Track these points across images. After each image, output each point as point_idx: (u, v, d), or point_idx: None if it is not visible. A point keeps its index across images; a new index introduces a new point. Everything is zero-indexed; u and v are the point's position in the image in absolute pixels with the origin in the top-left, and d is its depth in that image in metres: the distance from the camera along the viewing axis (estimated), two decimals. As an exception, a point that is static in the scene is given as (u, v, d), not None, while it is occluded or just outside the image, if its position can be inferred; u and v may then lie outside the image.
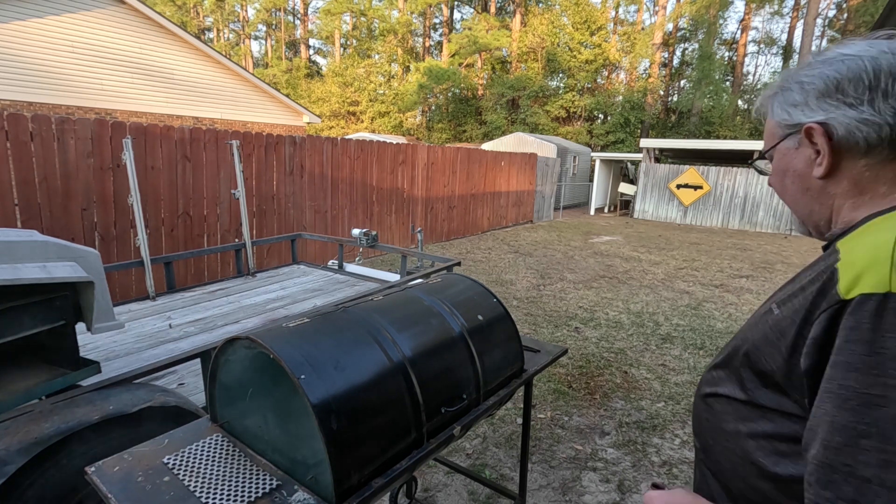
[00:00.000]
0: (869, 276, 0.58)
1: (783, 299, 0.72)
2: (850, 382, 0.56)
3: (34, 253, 1.59)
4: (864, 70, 0.66)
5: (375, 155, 8.13)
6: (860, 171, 0.70)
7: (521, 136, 17.72)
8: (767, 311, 0.74)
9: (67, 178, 4.39)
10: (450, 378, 1.48)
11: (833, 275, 0.62)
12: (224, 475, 1.20)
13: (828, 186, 0.73)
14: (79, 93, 9.88)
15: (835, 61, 0.69)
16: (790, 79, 0.75)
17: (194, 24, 35.56)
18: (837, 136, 0.69)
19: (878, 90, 0.65)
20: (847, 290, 0.59)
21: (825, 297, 0.62)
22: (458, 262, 3.39)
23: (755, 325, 0.76)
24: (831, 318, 0.60)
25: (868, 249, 0.61)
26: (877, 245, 0.60)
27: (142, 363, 2.01)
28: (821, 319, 0.61)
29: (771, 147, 0.79)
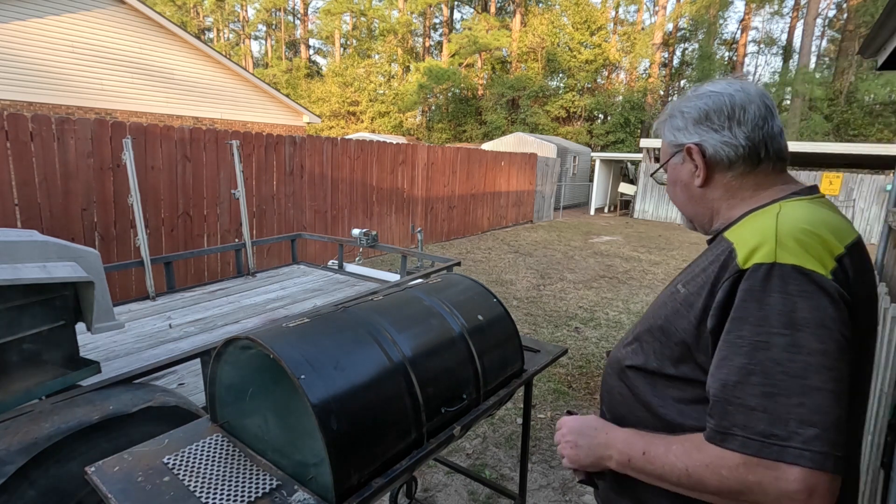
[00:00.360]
0: (760, 251, 0.74)
1: (687, 280, 0.87)
2: (743, 332, 0.71)
3: (34, 253, 1.59)
4: (724, 104, 0.87)
5: (375, 155, 8.13)
6: (729, 181, 0.91)
7: (521, 136, 17.71)
8: (674, 291, 0.89)
9: (67, 178, 4.39)
10: (450, 378, 1.48)
11: (731, 253, 0.78)
12: (224, 475, 1.20)
13: (707, 193, 0.93)
14: (79, 93, 9.88)
15: (705, 96, 0.90)
16: (675, 108, 0.95)
17: (194, 24, 35.56)
18: (708, 154, 0.90)
19: (734, 119, 0.87)
20: (744, 261, 0.75)
21: (727, 270, 0.77)
22: (458, 262, 3.39)
23: (664, 304, 0.90)
24: (732, 284, 0.75)
25: (756, 232, 0.77)
26: (762, 229, 0.77)
27: (142, 363, 2.00)
28: (724, 286, 0.76)
29: (664, 163, 0.99)
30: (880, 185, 12.28)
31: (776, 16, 29.96)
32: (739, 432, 0.69)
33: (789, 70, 27.01)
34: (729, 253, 0.78)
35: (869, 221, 12.41)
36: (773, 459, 0.66)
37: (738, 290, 0.73)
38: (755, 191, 0.89)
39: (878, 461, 1.95)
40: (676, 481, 0.76)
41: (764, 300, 0.70)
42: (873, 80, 22.07)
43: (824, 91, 24.30)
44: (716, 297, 0.76)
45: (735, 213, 0.90)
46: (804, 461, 0.64)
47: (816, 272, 0.71)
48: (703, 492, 0.73)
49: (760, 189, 0.89)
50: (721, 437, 0.70)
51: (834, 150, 12.78)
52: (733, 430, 0.69)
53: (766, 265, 0.72)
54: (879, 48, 2.98)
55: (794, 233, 0.74)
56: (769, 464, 0.66)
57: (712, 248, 0.87)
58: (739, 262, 0.75)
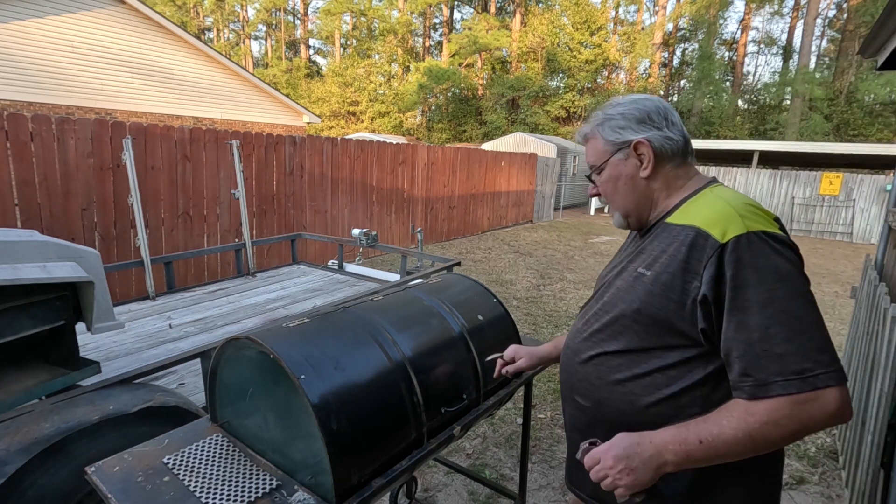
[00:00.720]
0: (732, 225, 0.87)
1: (647, 264, 0.97)
2: (748, 295, 0.83)
3: (34, 253, 1.59)
4: (658, 107, 1.04)
5: (375, 155, 8.13)
6: (668, 172, 1.04)
7: (521, 136, 17.71)
8: (637, 275, 0.98)
9: (67, 178, 4.39)
10: (450, 378, 1.48)
11: (698, 234, 0.90)
12: (224, 475, 1.20)
13: (650, 184, 1.05)
14: (79, 93, 9.88)
15: (634, 102, 1.04)
16: (609, 113, 1.06)
17: (194, 24, 35.56)
18: (655, 147, 1.02)
19: (668, 120, 1.03)
20: (722, 236, 0.86)
21: (704, 249, 0.87)
22: (458, 262, 3.39)
23: (629, 289, 0.99)
24: (719, 258, 0.85)
25: (715, 212, 0.91)
26: (719, 209, 0.91)
27: (142, 363, 2.00)
28: (712, 261, 0.86)
29: (605, 161, 1.07)
30: (880, 185, 12.29)
31: (776, 16, 29.98)
32: (778, 378, 0.79)
33: (789, 70, 27.01)
34: (695, 235, 0.90)
35: (869, 221, 12.42)
36: (812, 389, 0.78)
37: (725, 261, 0.85)
38: (685, 181, 1.05)
39: (878, 461, 1.95)
40: (742, 451, 0.82)
41: (755, 264, 0.83)
42: (873, 80, 22.07)
43: (824, 91, 24.31)
44: (703, 273, 0.87)
45: (672, 202, 1.03)
46: (833, 381, 0.78)
47: (777, 232, 0.87)
48: (771, 446, 0.81)
49: (688, 179, 1.05)
50: (765, 389, 0.80)
51: (834, 150, 12.79)
52: (773, 379, 0.79)
53: (743, 234, 0.85)
54: (879, 48, 2.98)
55: (745, 207, 0.90)
56: (811, 395, 0.78)
57: (663, 235, 0.99)
58: (718, 238, 0.86)
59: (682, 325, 0.90)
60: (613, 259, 1.21)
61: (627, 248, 1.17)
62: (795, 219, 13.12)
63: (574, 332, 1.15)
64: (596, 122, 1.09)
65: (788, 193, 13.28)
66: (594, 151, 1.09)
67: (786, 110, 26.54)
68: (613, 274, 1.09)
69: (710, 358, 0.90)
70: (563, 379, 1.17)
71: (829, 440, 3.09)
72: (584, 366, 1.06)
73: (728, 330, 0.84)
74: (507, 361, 1.43)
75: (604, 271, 1.21)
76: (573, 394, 1.11)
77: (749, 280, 0.83)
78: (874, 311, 2.51)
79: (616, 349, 1.00)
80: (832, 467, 2.80)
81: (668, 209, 1.03)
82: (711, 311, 0.86)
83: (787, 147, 13.66)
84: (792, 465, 2.82)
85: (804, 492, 2.59)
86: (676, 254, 0.92)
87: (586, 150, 1.12)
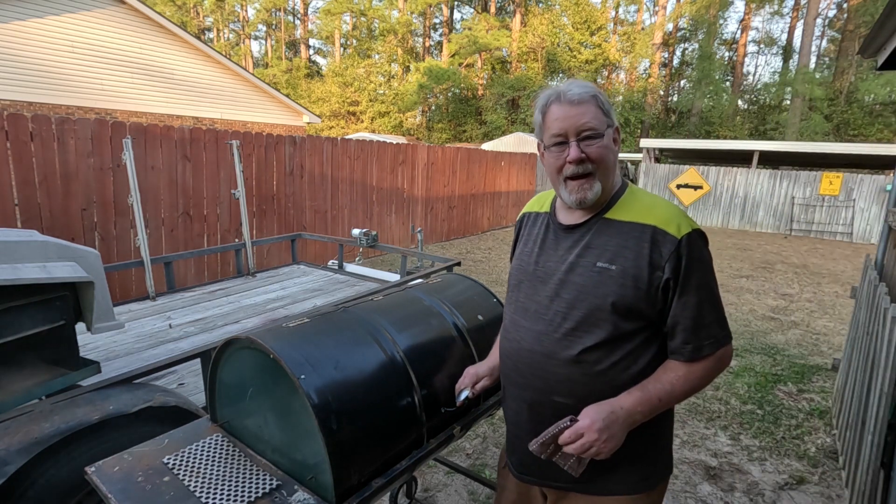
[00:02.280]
0: (682, 224, 1.05)
1: (608, 260, 1.06)
2: (692, 281, 1.03)
3: (34, 253, 1.59)
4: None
5: (375, 155, 8.13)
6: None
7: (521, 136, 17.71)
8: (600, 271, 1.06)
9: (67, 178, 4.39)
10: (450, 378, 1.48)
11: (656, 232, 1.04)
12: (224, 475, 1.20)
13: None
14: (79, 93, 9.88)
15: (600, 91, 1.10)
16: (596, 89, 1.09)
17: (194, 24, 35.56)
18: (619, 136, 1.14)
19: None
20: (678, 233, 1.03)
21: (664, 244, 1.03)
22: (458, 262, 3.38)
23: (598, 284, 1.05)
24: (678, 250, 1.02)
25: (667, 212, 1.06)
26: (668, 210, 1.07)
27: (142, 363, 2.00)
28: (673, 255, 1.02)
29: (605, 129, 1.08)
30: (880, 185, 12.28)
31: (776, 16, 29.96)
32: (707, 342, 1.04)
33: (789, 70, 27.00)
34: (653, 232, 1.04)
35: (869, 221, 12.41)
36: (724, 346, 1.07)
37: (681, 253, 1.02)
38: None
39: (878, 461, 1.95)
40: (683, 399, 1.07)
41: (699, 256, 1.04)
42: (873, 80, 22.06)
43: (824, 91, 24.29)
44: (665, 265, 1.02)
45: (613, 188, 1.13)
46: (729, 339, 1.08)
47: (703, 231, 1.07)
48: (698, 391, 1.07)
49: None
50: (699, 352, 1.04)
51: (834, 150, 12.78)
52: (704, 343, 1.04)
53: (693, 231, 1.04)
54: (879, 48, 2.98)
55: (681, 210, 1.09)
56: (723, 350, 1.07)
57: (610, 231, 1.08)
58: (675, 234, 1.03)
59: (648, 309, 1.05)
60: (528, 250, 1.21)
61: (548, 239, 1.17)
62: (795, 219, 13.12)
63: (536, 334, 1.12)
64: (594, 90, 1.08)
65: (788, 193, 13.27)
66: (595, 116, 1.06)
67: (786, 110, 26.53)
68: (561, 269, 1.11)
69: (659, 331, 1.08)
70: (534, 384, 1.13)
71: (829, 440, 3.09)
72: (567, 366, 1.07)
73: (677, 307, 1.04)
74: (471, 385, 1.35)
75: (522, 264, 1.20)
76: (551, 396, 1.10)
77: (694, 269, 1.03)
78: (874, 311, 2.51)
79: (594, 342, 1.05)
80: (832, 467, 2.80)
81: (606, 200, 1.11)
82: (669, 294, 1.04)
83: (787, 147, 13.65)
84: (792, 465, 2.83)
85: (804, 492, 2.59)
86: (640, 249, 1.04)
87: (580, 112, 1.05)
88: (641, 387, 1.03)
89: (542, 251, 1.17)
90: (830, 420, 3.34)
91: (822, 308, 6.17)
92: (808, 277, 7.98)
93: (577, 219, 1.13)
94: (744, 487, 2.60)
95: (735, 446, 2.99)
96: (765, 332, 5.11)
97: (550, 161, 1.11)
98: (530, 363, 1.13)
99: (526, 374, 1.14)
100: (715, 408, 3.44)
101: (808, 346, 4.79)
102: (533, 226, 1.25)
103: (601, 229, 1.09)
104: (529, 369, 1.13)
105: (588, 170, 1.06)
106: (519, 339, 1.16)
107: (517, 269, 1.23)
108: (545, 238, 1.18)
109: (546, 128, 1.09)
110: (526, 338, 1.14)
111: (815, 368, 4.20)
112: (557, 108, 1.07)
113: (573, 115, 1.05)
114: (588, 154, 1.05)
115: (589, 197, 1.07)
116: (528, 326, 1.14)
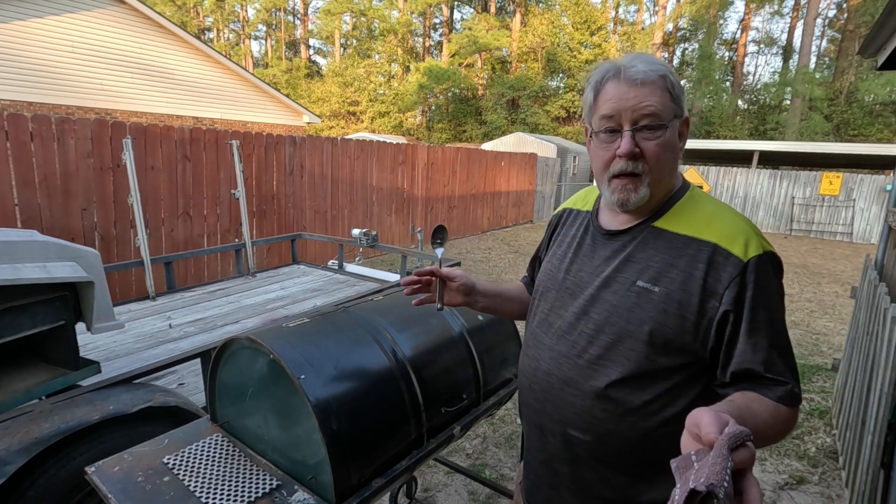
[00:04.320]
0: (751, 244, 0.85)
1: (650, 279, 0.87)
2: (760, 316, 0.83)
3: (34, 253, 1.59)
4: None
5: (375, 155, 8.12)
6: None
7: (521, 136, 17.71)
8: (639, 292, 0.88)
9: (67, 178, 4.39)
10: (450, 378, 1.48)
11: (716, 250, 0.85)
12: (224, 475, 1.20)
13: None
14: (79, 93, 9.87)
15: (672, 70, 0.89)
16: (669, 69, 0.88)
17: (194, 24, 35.55)
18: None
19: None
20: (744, 255, 0.84)
21: (726, 267, 0.83)
22: (458, 263, 3.38)
23: (634, 307, 0.88)
24: (742, 277, 0.83)
25: (733, 228, 0.87)
26: (736, 224, 0.87)
27: (142, 363, 2.00)
28: (735, 281, 0.83)
29: (670, 119, 0.87)
30: (880, 185, 12.28)
31: (776, 16, 29.95)
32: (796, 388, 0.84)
33: (789, 70, 26.99)
34: (712, 252, 0.85)
35: (869, 221, 12.41)
36: (798, 405, 0.84)
37: (746, 280, 0.83)
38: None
39: (878, 461, 1.95)
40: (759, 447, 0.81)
41: (768, 286, 0.84)
42: (873, 80, 22.06)
43: (824, 91, 24.29)
44: (723, 293, 0.83)
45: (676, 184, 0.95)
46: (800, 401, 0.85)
47: (777, 254, 0.88)
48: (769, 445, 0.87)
49: None
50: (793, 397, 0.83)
51: (834, 150, 12.78)
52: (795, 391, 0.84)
53: (764, 254, 0.85)
54: (879, 48, 2.98)
55: (752, 224, 0.89)
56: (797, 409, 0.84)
57: (658, 243, 0.90)
58: (740, 256, 0.84)
59: (693, 344, 0.85)
60: (561, 254, 1.04)
61: (585, 245, 1.01)
62: (795, 219, 13.12)
63: (556, 356, 0.96)
64: (664, 68, 0.87)
65: (788, 193, 13.27)
66: (661, 102, 0.85)
67: (786, 110, 26.53)
68: (595, 283, 0.94)
69: (706, 370, 0.88)
70: (547, 409, 0.98)
71: (829, 440, 3.09)
72: (587, 398, 0.91)
73: (746, 351, 0.83)
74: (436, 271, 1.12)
75: (552, 270, 1.04)
76: (565, 427, 0.95)
77: (761, 302, 0.83)
78: (874, 311, 2.51)
79: (622, 375, 0.88)
80: (832, 467, 2.80)
81: (659, 204, 0.93)
82: (726, 329, 0.83)
83: (787, 147, 13.65)
84: (792, 465, 2.82)
85: (804, 492, 2.59)
86: (692, 270, 0.85)
87: (643, 94, 0.84)
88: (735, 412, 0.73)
89: (577, 258, 1.00)
90: (830, 420, 3.34)
91: (822, 308, 6.17)
92: (808, 277, 7.98)
93: (620, 224, 0.95)
94: (744, 487, 2.60)
95: (735, 446, 2.99)
96: (765, 332, 5.11)
97: (597, 151, 0.92)
98: (546, 388, 0.97)
99: (540, 398, 0.99)
100: (715, 408, 3.44)
101: (808, 346, 4.79)
102: (571, 226, 1.08)
103: (647, 240, 0.91)
104: (544, 394, 0.98)
105: (638, 169, 0.87)
106: (538, 357, 1.01)
107: (546, 274, 1.06)
108: (581, 242, 1.01)
109: (597, 108, 0.90)
110: (545, 357, 0.99)
111: (815, 368, 4.20)
112: (614, 87, 0.87)
113: (633, 97, 0.85)
114: (643, 150, 0.86)
115: (633, 199, 0.89)
116: (549, 345, 0.99)
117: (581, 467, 0.95)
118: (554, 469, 1.00)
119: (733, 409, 0.75)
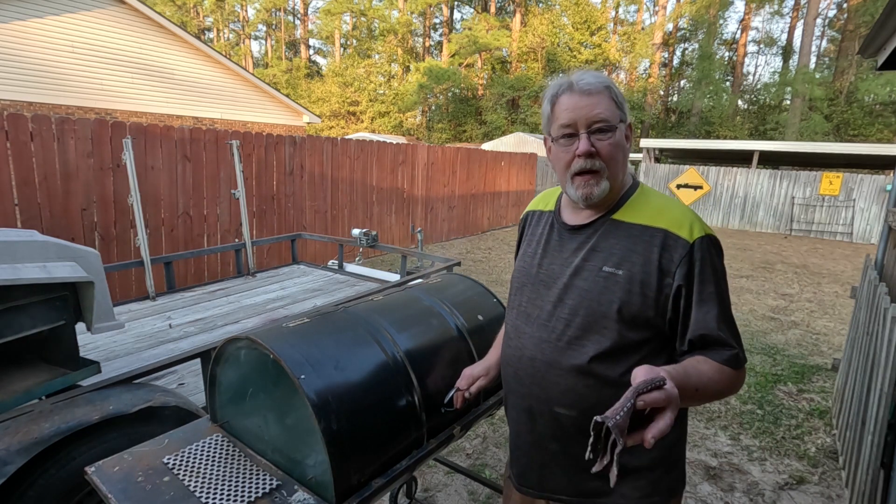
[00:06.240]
0: (694, 227, 0.99)
1: (614, 264, 1.00)
2: (709, 289, 0.97)
3: (34, 253, 1.59)
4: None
5: (375, 155, 8.12)
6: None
7: (521, 136, 17.71)
8: (606, 276, 1.00)
9: (67, 178, 4.39)
10: (450, 378, 1.48)
11: (666, 236, 0.99)
12: (224, 475, 1.20)
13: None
14: (79, 93, 9.87)
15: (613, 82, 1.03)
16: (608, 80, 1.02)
17: (194, 24, 35.55)
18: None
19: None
20: (690, 237, 0.98)
21: (676, 249, 0.97)
22: (458, 262, 3.38)
23: (603, 290, 1.00)
24: (690, 256, 0.97)
25: (679, 214, 1.01)
26: (681, 212, 1.02)
27: (142, 363, 2.01)
28: (685, 260, 0.97)
29: (618, 122, 1.01)
30: (880, 185, 12.28)
31: (776, 16, 29.95)
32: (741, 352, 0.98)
33: (789, 70, 26.99)
34: (664, 236, 0.99)
35: (869, 221, 12.41)
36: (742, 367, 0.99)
37: (693, 258, 0.97)
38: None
39: (878, 461, 1.95)
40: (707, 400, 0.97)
41: (714, 263, 0.99)
42: (873, 80, 22.06)
43: (824, 91, 24.30)
44: (675, 271, 0.97)
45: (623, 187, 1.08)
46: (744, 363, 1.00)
47: (717, 237, 1.02)
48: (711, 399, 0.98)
49: None
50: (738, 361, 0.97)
51: (834, 150, 12.78)
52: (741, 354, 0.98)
53: (705, 237, 0.99)
54: (879, 48, 2.98)
55: (695, 213, 1.03)
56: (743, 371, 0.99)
57: (618, 233, 1.03)
58: (687, 238, 0.98)
59: (656, 317, 0.99)
60: (532, 252, 1.15)
61: (552, 241, 1.12)
62: (795, 219, 13.12)
63: (537, 341, 1.07)
64: (607, 81, 1.02)
65: (788, 193, 13.27)
66: (608, 108, 0.99)
67: (786, 110, 26.53)
68: (566, 273, 1.05)
69: (667, 342, 1.02)
70: (534, 392, 1.07)
71: (829, 440, 3.09)
72: (569, 375, 1.02)
73: (698, 319, 0.97)
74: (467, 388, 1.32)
75: (525, 266, 1.15)
76: (551, 406, 1.05)
77: (709, 276, 0.97)
78: (874, 311, 2.51)
79: (598, 351, 0.99)
80: (832, 467, 2.80)
81: (615, 199, 1.07)
82: (681, 302, 0.98)
83: (787, 147, 13.65)
84: (792, 464, 2.82)
85: (804, 492, 2.59)
86: (649, 254, 0.99)
87: (592, 102, 0.98)
88: (682, 371, 0.88)
89: (546, 253, 1.12)
90: (830, 420, 3.34)
91: (822, 308, 6.17)
92: (808, 277, 7.98)
93: (583, 219, 1.08)
94: (744, 487, 2.60)
95: (735, 446, 2.99)
96: (765, 332, 5.11)
97: (558, 155, 1.04)
98: (531, 372, 1.07)
99: (526, 382, 1.09)
100: (715, 408, 3.44)
101: (808, 346, 4.79)
102: (537, 225, 1.19)
103: (608, 231, 1.04)
104: (530, 378, 1.08)
105: (596, 166, 1.00)
106: (521, 346, 1.10)
107: (520, 271, 1.17)
108: (549, 239, 1.13)
109: (555, 118, 1.03)
110: (528, 345, 1.09)
111: (815, 368, 4.20)
112: (568, 98, 1.00)
113: (584, 106, 0.98)
114: (598, 149, 0.99)
115: (595, 193, 1.01)
116: (530, 333, 1.09)
117: (570, 442, 1.05)
118: (544, 448, 1.09)
119: (679, 367, 0.90)
